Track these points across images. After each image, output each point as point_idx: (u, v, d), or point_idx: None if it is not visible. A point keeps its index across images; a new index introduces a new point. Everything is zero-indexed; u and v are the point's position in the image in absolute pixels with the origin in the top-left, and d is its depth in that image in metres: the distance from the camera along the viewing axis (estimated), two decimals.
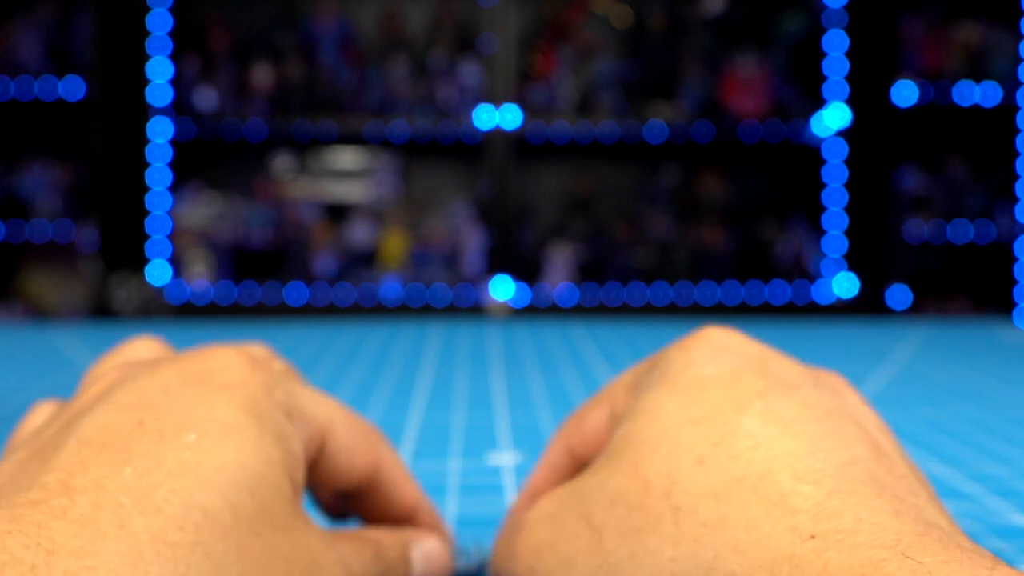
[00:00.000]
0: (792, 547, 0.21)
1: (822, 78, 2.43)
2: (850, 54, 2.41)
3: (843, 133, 2.41)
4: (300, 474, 0.29)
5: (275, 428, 0.28)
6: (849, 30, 2.41)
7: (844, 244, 2.44)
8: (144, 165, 2.38)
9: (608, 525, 0.25)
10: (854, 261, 2.42)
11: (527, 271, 2.45)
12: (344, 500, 0.35)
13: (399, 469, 0.35)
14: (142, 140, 2.37)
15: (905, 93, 2.37)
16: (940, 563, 0.19)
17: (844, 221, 2.44)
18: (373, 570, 0.30)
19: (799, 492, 0.22)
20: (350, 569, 0.29)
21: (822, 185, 2.46)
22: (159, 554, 0.23)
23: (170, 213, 2.42)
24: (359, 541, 0.31)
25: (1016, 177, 2.46)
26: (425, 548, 0.34)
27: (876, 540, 0.21)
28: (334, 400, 0.33)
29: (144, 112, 2.36)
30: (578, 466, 0.33)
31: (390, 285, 2.40)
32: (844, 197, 2.44)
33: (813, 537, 0.21)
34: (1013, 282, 2.47)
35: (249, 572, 0.25)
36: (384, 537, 0.32)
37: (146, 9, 2.35)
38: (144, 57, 2.35)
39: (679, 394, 0.27)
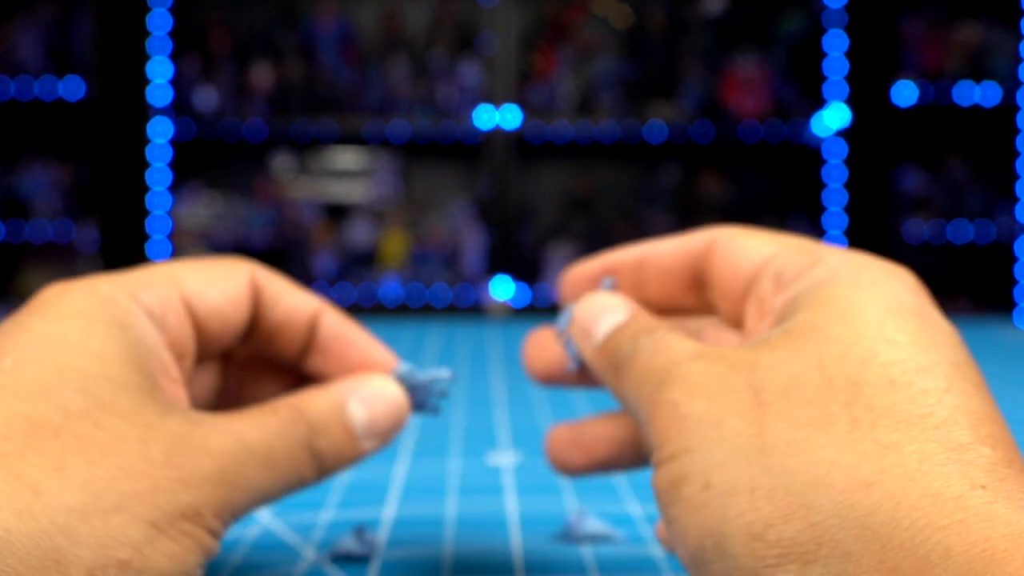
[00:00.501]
0: (961, 489, 0.21)
1: (822, 78, 2.43)
2: (850, 54, 2.41)
3: (843, 133, 2.41)
4: (158, 361, 0.29)
5: (109, 317, 0.28)
6: (849, 30, 2.41)
7: (844, 244, 2.44)
8: (144, 165, 2.38)
9: (776, 406, 0.24)
10: None
11: (527, 271, 2.45)
12: (248, 356, 0.35)
13: (280, 284, 0.34)
14: (142, 140, 2.37)
15: (905, 93, 2.37)
16: None
17: (844, 221, 2.45)
18: (287, 434, 0.29)
19: (976, 450, 0.22)
20: (243, 439, 0.28)
21: (822, 185, 2.46)
22: None
23: (170, 213, 2.42)
24: (265, 411, 0.29)
25: (1016, 177, 2.46)
26: (366, 393, 0.32)
27: None
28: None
29: (144, 112, 2.36)
30: (696, 278, 0.32)
31: (390, 285, 2.41)
32: (844, 197, 2.44)
33: (984, 487, 0.21)
34: (1013, 282, 2.48)
35: (97, 461, 0.25)
36: (309, 396, 0.31)
37: (147, 9, 2.35)
38: (144, 57, 2.35)
39: (879, 306, 0.26)
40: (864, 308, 0.26)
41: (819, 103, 2.42)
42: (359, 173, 2.50)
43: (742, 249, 0.31)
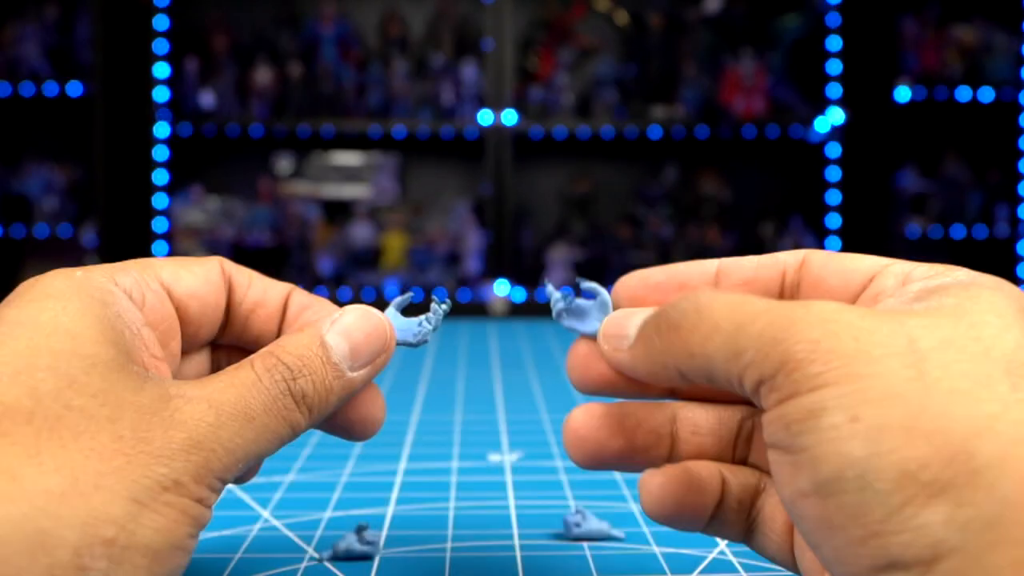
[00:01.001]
0: None
1: (823, 80, 2.43)
2: (848, 56, 2.41)
3: (838, 133, 2.41)
4: (137, 337, 0.29)
5: (85, 296, 0.28)
6: (847, 32, 2.41)
7: (839, 244, 2.44)
8: (146, 165, 2.38)
9: (933, 356, 0.25)
10: None
11: (527, 272, 2.45)
12: (229, 338, 0.35)
13: (249, 272, 0.34)
14: (144, 140, 2.37)
15: (904, 95, 2.37)
16: None
17: (839, 221, 2.45)
18: (263, 386, 0.29)
19: None
20: (213, 402, 0.27)
21: (822, 185, 2.46)
22: None
23: (170, 213, 2.42)
24: (241, 366, 0.29)
25: (1016, 177, 2.46)
26: (343, 324, 0.31)
27: None
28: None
29: (146, 112, 2.36)
30: (790, 290, 0.32)
31: (390, 285, 2.41)
32: (839, 197, 2.44)
33: None
34: (1015, 282, 2.48)
35: (70, 444, 0.25)
36: (283, 340, 0.30)
37: (149, 9, 2.35)
38: (148, 57, 2.35)
39: (1023, 312, 0.27)
40: (1013, 309, 0.27)
41: (819, 104, 2.42)
42: (359, 173, 2.50)
43: (850, 259, 0.32)
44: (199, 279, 0.33)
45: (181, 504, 0.26)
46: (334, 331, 0.31)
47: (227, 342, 0.35)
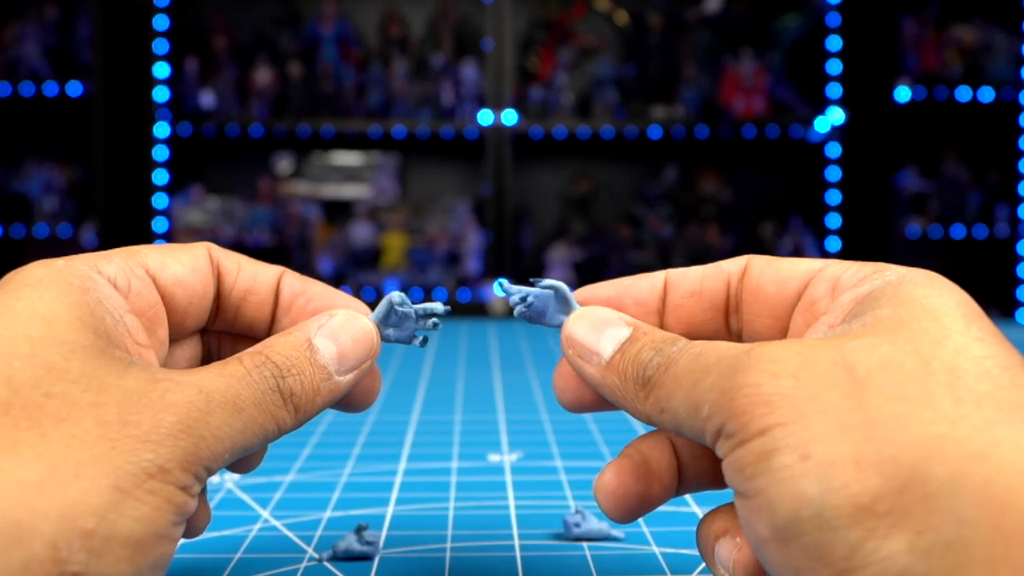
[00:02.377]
0: None
1: (823, 80, 2.43)
2: (848, 56, 2.41)
3: (838, 133, 2.41)
4: (120, 323, 0.29)
5: (64, 283, 0.28)
6: (847, 32, 2.41)
7: (839, 244, 2.44)
8: (146, 165, 2.38)
9: (874, 383, 0.24)
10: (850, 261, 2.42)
11: (527, 273, 2.45)
12: (221, 326, 0.35)
13: (238, 256, 0.34)
14: (144, 140, 2.37)
15: (904, 95, 2.37)
16: None
17: (839, 221, 2.45)
18: (253, 379, 0.28)
19: None
20: (203, 388, 0.27)
21: (822, 185, 2.46)
22: None
23: (170, 213, 2.42)
24: (229, 361, 0.29)
25: (1016, 177, 2.46)
26: (331, 327, 0.31)
27: None
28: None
29: (146, 112, 2.36)
30: (735, 301, 0.33)
31: (390, 285, 2.41)
32: (843, 197, 2.44)
33: None
34: (1015, 281, 2.48)
35: (50, 432, 0.24)
36: (273, 340, 0.30)
37: (149, 10, 2.35)
38: (148, 57, 2.35)
39: (960, 308, 0.27)
40: (947, 308, 0.26)
41: (818, 103, 2.42)
42: (359, 173, 2.50)
43: (787, 264, 0.32)
44: (186, 266, 0.32)
45: (165, 492, 0.25)
46: (322, 334, 0.31)
47: (219, 328, 0.35)
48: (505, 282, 0.35)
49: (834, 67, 2.42)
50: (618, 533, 0.41)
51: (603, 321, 0.32)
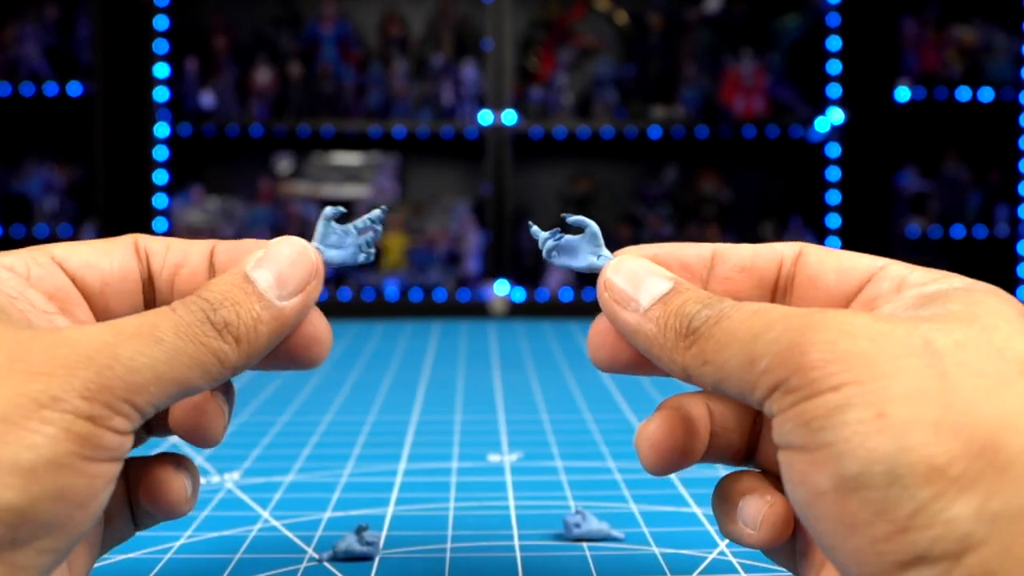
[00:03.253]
0: None
1: (823, 80, 2.43)
2: (848, 56, 2.41)
3: (838, 133, 2.41)
4: (14, 300, 0.29)
5: None
6: (847, 32, 2.41)
7: (839, 244, 2.44)
8: (146, 165, 2.38)
9: (951, 357, 0.25)
10: None
11: (526, 273, 2.45)
12: (160, 302, 0.34)
13: (167, 239, 0.34)
14: (144, 140, 2.37)
15: (904, 95, 2.37)
16: None
17: (839, 221, 2.45)
18: (176, 314, 0.28)
19: None
20: (115, 325, 0.27)
21: (822, 185, 2.46)
22: None
23: (170, 213, 2.42)
24: (155, 311, 0.28)
25: (1016, 177, 2.46)
26: (266, 256, 0.31)
27: None
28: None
29: (146, 112, 2.36)
30: (752, 280, 0.33)
31: (390, 285, 2.41)
32: (844, 197, 2.44)
33: None
34: (1015, 282, 2.48)
35: None
36: (206, 284, 0.30)
37: (153, 10, 2.35)
38: (148, 57, 2.35)
39: (1022, 316, 0.27)
40: (1012, 312, 0.27)
41: (818, 103, 2.42)
42: (359, 173, 2.49)
43: (848, 257, 0.32)
44: (97, 251, 0.32)
45: (62, 420, 0.25)
46: (256, 264, 0.30)
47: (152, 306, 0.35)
48: (535, 227, 0.34)
49: (834, 67, 2.42)
50: (618, 533, 0.41)
51: (646, 270, 0.32)
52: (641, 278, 0.31)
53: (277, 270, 0.30)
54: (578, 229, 0.33)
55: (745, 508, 0.30)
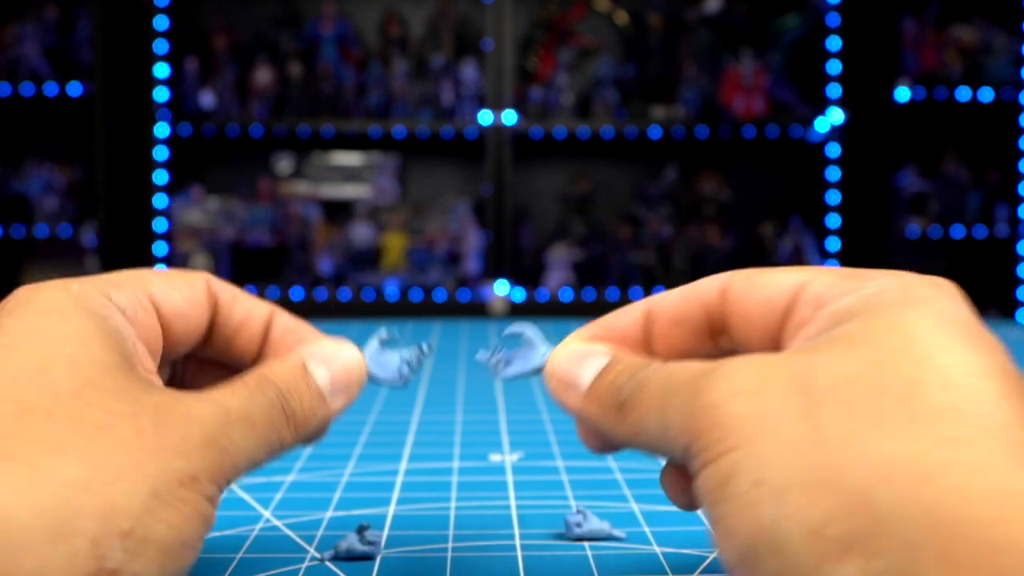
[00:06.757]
0: (1022, 485, 0.21)
1: (823, 80, 2.43)
2: (848, 56, 2.41)
3: (838, 133, 2.41)
4: (141, 333, 0.31)
5: (84, 309, 0.29)
6: (847, 32, 2.41)
7: (839, 244, 2.44)
8: (146, 165, 2.38)
9: (828, 400, 0.24)
10: (850, 261, 2.42)
11: (526, 273, 2.45)
12: (210, 356, 0.36)
13: (235, 291, 0.35)
14: (144, 140, 2.37)
15: (904, 95, 2.37)
16: None
17: (839, 221, 2.45)
18: (261, 398, 0.30)
19: None
20: (223, 404, 0.28)
21: (822, 185, 2.46)
22: None
23: (170, 213, 2.42)
24: (235, 383, 0.30)
25: (1016, 177, 2.46)
26: (323, 354, 0.33)
27: None
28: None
29: (146, 112, 2.36)
30: (719, 320, 0.32)
31: (390, 285, 2.41)
32: (839, 197, 2.44)
33: None
34: (1015, 282, 2.48)
35: (93, 437, 0.25)
36: (270, 365, 0.32)
37: (153, 10, 2.35)
38: (148, 57, 2.35)
39: (929, 318, 0.26)
40: (916, 320, 0.26)
41: (818, 103, 2.42)
42: (359, 173, 2.50)
43: (769, 282, 0.31)
44: (186, 298, 0.33)
45: (195, 501, 0.26)
46: (315, 360, 0.32)
47: (205, 356, 0.36)
48: (481, 352, 0.35)
49: (834, 67, 2.42)
50: (619, 533, 0.41)
51: (583, 352, 0.32)
52: (579, 361, 0.32)
53: (332, 371, 0.32)
54: (517, 338, 0.34)
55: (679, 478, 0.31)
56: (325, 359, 0.33)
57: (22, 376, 0.26)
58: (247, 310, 0.35)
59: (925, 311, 0.26)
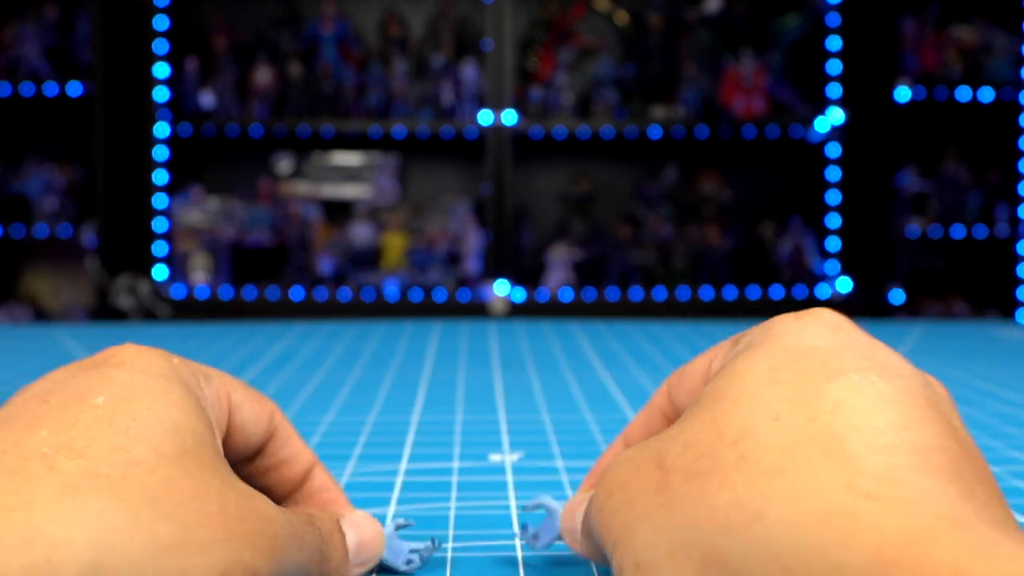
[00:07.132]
0: (845, 503, 0.22)
1: (823, 80, 2.43)
2: (848, 56, 2.41)
3: (838, 133, 2.41)
4: (217, 425, 0.32)
5: (184, 384, 0.31)
6: (847, 32, 2.41)
7: (839, 244, 2.44)
8: (146, 165, 2.38)
9: (676, 467, 0.26)
10: (850, 261, 2.42)
11: (527, 273, 2.45)
12: (247, 474, 0.37)
13: (291, 429, 0.37)
14: (144, 140, 2.37)
15: (904, 95, 2.37)
16: (994, 541, 0.20)
17: (839, 221, 2.45)
18: (311, 529, 0.31)
19: (868, 458, 0.23)
20: (287, 517, 0.30)
21: (822, 185, 2.46)
22: (94, 486, 0.25)
23: (170, 213, 2.42)
24: (292, 508, 0.32)
25: (1016, 177, 2.46)
26: (355, 519, 0.35)
27: (934, 511, 0.21)
28: (227, 374, 0.35)
29: (146, 112, 2.36)
30: (673, 419, 0.34)
31: (390, 285, 2.41)
32: (839, 197, 2.44)
33: (870, 497, 0.22)
34: (1015, 281, 2.48)
35: (186, 503, 0.26)
36: (314, 511, 0.34)
37: (153, 10, 2.35)
38: (148, 57, 2.35)
39: (774, 356, 0.27)
40: (754, 365, 0.27)
41: (818, 103, 2.42)
42: (359, 173, 2.50)
43: (691, 370, 0.33)
44: (254, 415, 0.35)
45: None
46: (349, 523, 0.35)
47: (239, 474, 0.37)
48: (518, 531, 0.40)
49: (834, 67, 2.42)
50: None
51: (577, 502, 0.35)
52: (575, 511, 0.35)
53: (360, 539, 0.34)
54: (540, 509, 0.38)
55: None
56: (356, 525, 0.35)
57: (131, 428, 0.27)
58: (295, 452, 0.37)
59: (766, 353, 0.28)
